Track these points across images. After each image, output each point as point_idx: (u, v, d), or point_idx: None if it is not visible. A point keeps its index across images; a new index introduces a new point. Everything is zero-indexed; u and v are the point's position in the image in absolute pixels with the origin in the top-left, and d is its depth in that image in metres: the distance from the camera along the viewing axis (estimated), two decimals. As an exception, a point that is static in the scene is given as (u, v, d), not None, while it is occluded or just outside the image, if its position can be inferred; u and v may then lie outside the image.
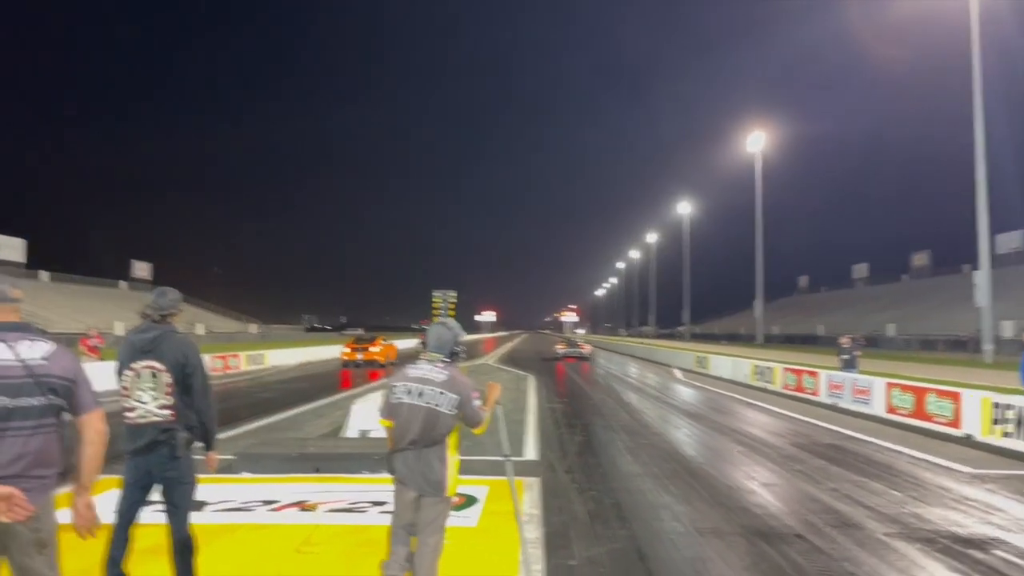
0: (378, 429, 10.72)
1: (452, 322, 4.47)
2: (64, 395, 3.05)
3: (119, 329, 54.01)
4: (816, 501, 7.78)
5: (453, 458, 4.27)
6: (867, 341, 42.68)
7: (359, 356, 32.78)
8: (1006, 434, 11.40)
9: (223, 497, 7.27)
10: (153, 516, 4.54)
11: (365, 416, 11.22)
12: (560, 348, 44.12)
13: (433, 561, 4.26)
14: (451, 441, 4.26)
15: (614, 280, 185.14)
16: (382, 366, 31.89)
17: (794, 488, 8.50)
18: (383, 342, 34.68)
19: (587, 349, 44.75)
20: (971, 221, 36.33)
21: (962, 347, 46.43)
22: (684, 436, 12.85)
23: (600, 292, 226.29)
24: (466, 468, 8.78)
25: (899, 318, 66.33)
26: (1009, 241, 70.22)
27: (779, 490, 8.40)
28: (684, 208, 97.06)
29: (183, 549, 4.41)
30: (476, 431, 4.27)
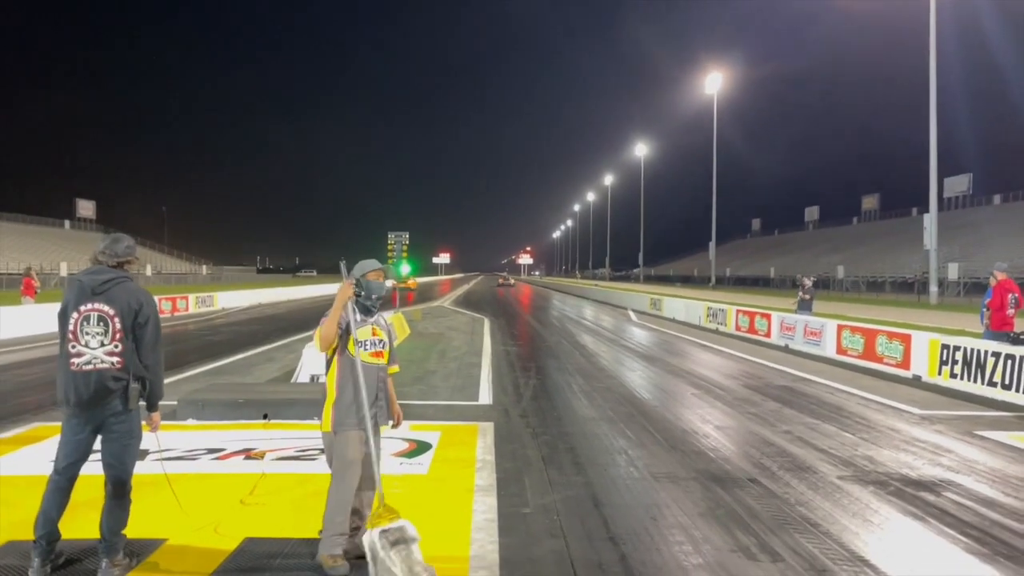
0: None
1: (358, 264, 4.45)
2: None
3: (64, 270, 52.60)
4: (770, 444, 7.79)
5: (332, 391, 4.21)
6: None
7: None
8: (953, 375, 11.60)
9: (165, 445, 6.99)
10: (91, 467, 4.24)
11: (317, 360, 10.94)
12: (500, 281, 79.11)
13: (328, 501, 4.15)
14: (330, 372, 4.25)
15: (571, 223, 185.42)
16: (412, 291, 55.59)
17: (748, 431, 8.51)
18: (413, 278, 57.65)
19: (513, 281, 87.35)
20: (921, 165, 36.78)
21: (909, 288, 47.51)
22: (639, 379, 12.85)
23: (557, 235, 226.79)
24: (418, 413, 8.59)
25: (848, 260, 67.60)
26: (957, 184, 71.69)
27: (733, 433, 8.40)
28: (640, 151, 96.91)
29: (118, 503, 4.16)
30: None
